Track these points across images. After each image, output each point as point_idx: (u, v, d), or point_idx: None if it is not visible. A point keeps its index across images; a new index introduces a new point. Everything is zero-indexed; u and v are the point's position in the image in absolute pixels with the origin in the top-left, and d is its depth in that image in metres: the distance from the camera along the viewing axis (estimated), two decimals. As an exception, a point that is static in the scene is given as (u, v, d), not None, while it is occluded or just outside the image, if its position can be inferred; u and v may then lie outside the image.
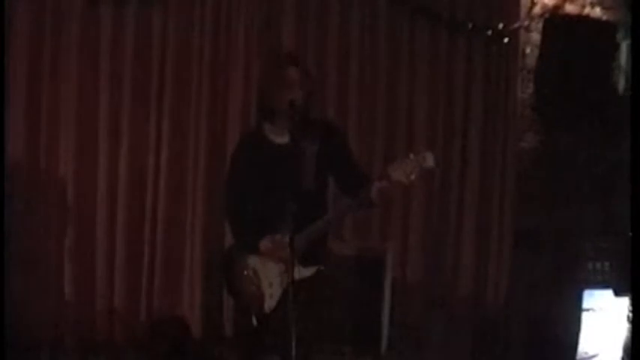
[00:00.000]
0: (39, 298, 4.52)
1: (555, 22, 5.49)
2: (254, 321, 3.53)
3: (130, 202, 4.70)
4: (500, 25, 5.32)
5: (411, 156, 3.38)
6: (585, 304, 5.26)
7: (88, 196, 4.64)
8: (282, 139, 3.50)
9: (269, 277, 3.52)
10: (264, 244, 3.50)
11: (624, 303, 5.29)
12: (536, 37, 5.56)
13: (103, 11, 4.61)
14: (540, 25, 5.53)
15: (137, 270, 4.72)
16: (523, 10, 5.49)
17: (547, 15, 5.55)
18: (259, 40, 4.86)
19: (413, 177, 3.36)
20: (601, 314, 5.32)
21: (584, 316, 5.26)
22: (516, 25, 5.41)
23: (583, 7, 5.70)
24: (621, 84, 5.66)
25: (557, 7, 5.60)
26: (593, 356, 5.31)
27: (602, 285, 5.35)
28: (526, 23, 5.52)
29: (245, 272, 3.55)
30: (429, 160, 3.39)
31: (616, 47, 5.57)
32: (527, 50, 5.57)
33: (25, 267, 4.44)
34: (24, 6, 4.45)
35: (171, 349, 4.64)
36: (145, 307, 4.72)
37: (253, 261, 3.55)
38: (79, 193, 4.61)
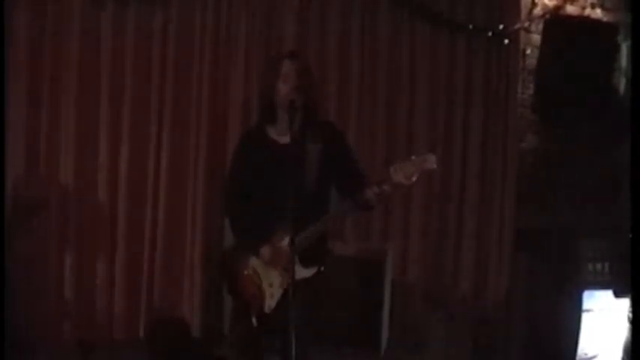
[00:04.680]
0: (39, 298, 4.52)
1: (556, 23, 5.50)
2: (254, 321, 3.52)
3: (131, 202, 4.70)
4: (501, 26, 5.33)
5: (413, 158, 3.36)
6: (585, 305, 5.27)
7: (89, 196, 4.63)
8: (286, 138, 3.46)
9: (269, 277, 3.51)
10: (264, 251, 3.50)
11: (624, 304, 5.29)
12: (536, 38, 5.57)
13: (103, 12, 4.61)
14: (541, 26, 5.54)
15: (137, 270, 4.71)
16: (523, 11, 5.50)
17: (547, 16, 5.55)
18: (260, 40, 4.86)
19: (414, 179, 3.35)
20: (601, 315, 5.32)
21: (584, 316, 5.26)
22: (517, 26, 5.42)
23: (583, 8, 5.71)
24: (621, 85, 5.66)
25: (557, 8, 5.61)
26: (593, 357, 5.32)
27: (602, 286, 5.35)
28: (526, 24, 5.53)
29: (245, 272, 3.54)
30: (431, 162, 3.37)
31: (616, 48, 5.57)
32: (528, 51, 5.58)
33: (25, 267, 4.44)
34: (24, 7, 4.45)
35: (171, 349, 4.64)
36: (145, 307, 4.72)
37: (254, 261, 3.55)
38: (79, 193, 4.61)
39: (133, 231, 4.71)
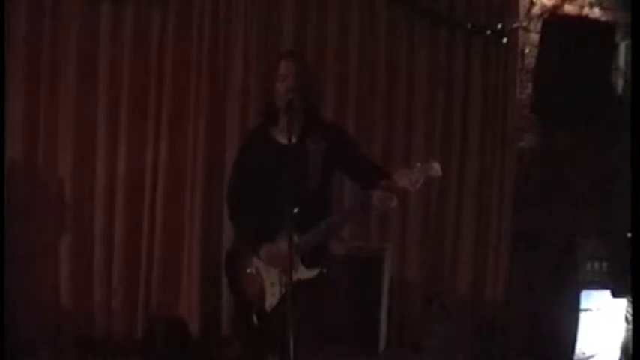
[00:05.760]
0: (38, 298, 4.51)
1: (554, 22, 5.49)
2: (255, 319, 3.53)
3: (129, 201, 4.69)
4: (499, 26, 5.33)
5: (418, 165, 3.38)
6: (583, 305, 5.27)
7: (87, 196, 4.63)
8: (287, 139, 3.44)
9: (271, 277, 3.52)
10: (264, 252, 3.50)
11: (622, 303, 5.30)
12: (534, 37, 5.56)
13: (102, 11, 4.60)
14: (539, 26, 5.54)
15: (135, 269, 4.71)
16: (522, 11, 5.50)
17: (546, 15, 5.55)
18: (258, 41, 4.86)
19: (418, 185, 3.37)
20: (599, 314, 5.32)
21: (582, 316, 5.26)
22: (515, 25, 5.41)
23: (582, 7, 5.71)
24: (620, 84, 5.66)
25: (555, 8, 5.60)
26: (591, 356, 5.32)
27: (600, 285, 5.36)
28: (525, 23, 5.52)
29: (248, 270, 3.55)
30: (436, 170, 3.39)
31: (614, 47, 5.57)
32: (526, 50, 5.57)
33: (24, 267, 4.44)
34: (24, 6, 4.44)
35: (170, 349, 4.64)
36: (143, 306, 4.72)
37: (256, 259, 3.55)
38: (77, 193, 4.61)
39: (131, 231, 4.70)
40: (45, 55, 4.53)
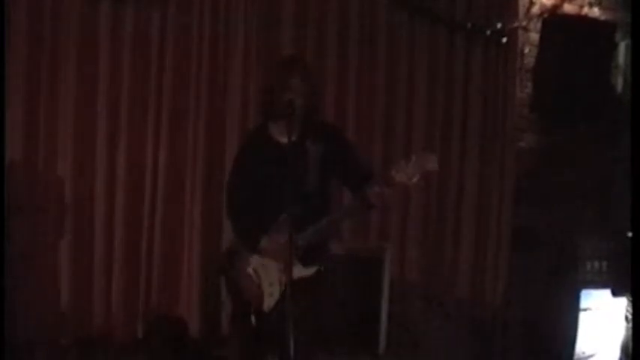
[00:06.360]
0: (38, 298, 4.51)
1: (554, 21, 5.51)
2: (253, 320, 3.53)
3: (128, 201, 4.69)
4: (499, 25, 5.33)
5: (414, 158, 3.37)
6: (583, 304, 5.28)
7: (86, 195, 4.63)
8: (286, 138, 3.46)
9: (269, 277, 3.53)
10: (264, 243, 3.51)
11: (622, 303, 5.30)
12: (534, 36, 5.57)
13: (102, 11, 4.60)
14: (539, 25, 5.55)
15: (135, 269, 4.70)
16: (522, 10, 5.50)
17: (545, 15, 5.56)
18: (258, 41, 4.86)
19: (415, 179, 3.36)
20: (599, 314, 5.33)
21: (582, 315, 5.27)
22: (515, 24, 5.42)
23: (581, 6, 5.72)
24: (619, 84, 5.67)
25: (555, 7, 5.61)
26: (591, 356, 5.33)
27: (600, 285, 5.36)
28: (524, 23, 5.53)
29: (246, 270, 3.56)
30: (432, 163, 3.38)
31: (614, 47, 5.58)
32: (526, 50, 5.58)
33: (24, 267, 4.43)
34: (23, 6, 4.44)
35: (169, 348, 4.64)
36: (143, 306, 4.71)
37: (254, 260, 3.56)
38: (77, 193, 4.60)
39: (131, 231, 4.70)
40: (45, 55, 4.52)
